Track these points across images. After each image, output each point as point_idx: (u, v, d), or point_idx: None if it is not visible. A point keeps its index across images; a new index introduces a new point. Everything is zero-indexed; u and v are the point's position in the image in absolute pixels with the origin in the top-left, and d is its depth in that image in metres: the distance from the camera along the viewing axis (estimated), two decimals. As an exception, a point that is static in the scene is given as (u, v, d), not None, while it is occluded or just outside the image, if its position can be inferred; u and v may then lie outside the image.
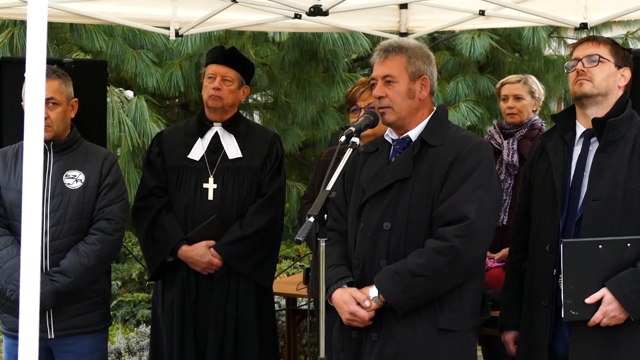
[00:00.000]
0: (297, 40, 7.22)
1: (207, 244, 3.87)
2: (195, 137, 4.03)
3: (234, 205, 3.93)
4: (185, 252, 3.88)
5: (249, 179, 3.95)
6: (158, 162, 4.03)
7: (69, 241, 3.62)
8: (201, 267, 3.89)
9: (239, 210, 3.93)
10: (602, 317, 2.89)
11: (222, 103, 3.98)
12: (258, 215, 3.91)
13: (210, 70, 4.00)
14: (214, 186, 3.93)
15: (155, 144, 4.11)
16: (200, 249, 3.86)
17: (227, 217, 3.92)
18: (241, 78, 4.02)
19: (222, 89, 3.96)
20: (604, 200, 2.94)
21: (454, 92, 7.93)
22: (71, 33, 6.85)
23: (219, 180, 3.94)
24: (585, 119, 3.09)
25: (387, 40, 3.22)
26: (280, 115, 8.06)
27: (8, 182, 3.66)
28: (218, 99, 3.97)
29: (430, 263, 2.89)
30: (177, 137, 4.09)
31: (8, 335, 3.71)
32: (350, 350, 3.06)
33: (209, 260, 3.86)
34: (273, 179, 3.98)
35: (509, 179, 4.49)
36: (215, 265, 3.88)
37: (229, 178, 3.94)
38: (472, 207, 2.90)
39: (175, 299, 3.95)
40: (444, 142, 3.02)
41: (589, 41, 3.10)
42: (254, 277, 3.94)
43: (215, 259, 3.87)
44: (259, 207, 3.92)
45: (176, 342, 3.92)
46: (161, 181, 4.01)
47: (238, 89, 4.02)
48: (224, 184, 3.93)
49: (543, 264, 3.06)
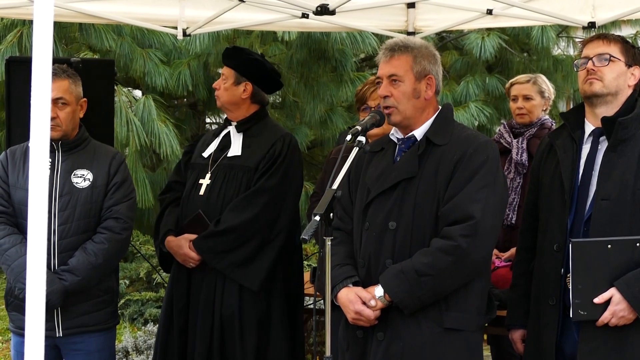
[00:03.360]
0: (306, 39, 7.22)
1: (188, 236, 3.89)
2: (216, 136, 4.10)
3: (219, 202, 3.91)
4: (168, 243, 3.93)
5: (238, 177, 3.93)
6: (184, 160, 4.17)
7: (77, 240, 3.63)
8: (180, 258, 3.90)
9: (224, 207, 3.91)
10: (610, 317, 2.88)
11: (220, 101, 4.05)
12: (234, 212, 3.86)
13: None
14: (207, 182, 3.96)
15: (190, 144, 4.28)
16: (180, 240, 3.89)
17: (212, 213, 3.90)
18: (236, 74, 3.99)
19: (219, 88, 4.02)
20: (613, 199, 2.93)
21: (464, 92, 7.91)
22: (80, 33, 6.87)
23: (213, 176, 3.97)
24: (595, 117, 3.07)
25: (393, 39, 3.21)
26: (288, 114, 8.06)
27: (17, 181, 3.67)
28: (218, 98, 4.05)
29: (436, 262, 2.88)
30: (207, 137, 4.19)
31: (16, 333, 3.72)
32: (356, 349, 3.05)
33: (185, 253, 3.86)
34: (260, 178, 3.91)
35: (518, 178, 4.47)
36: (191, 259, 3.87)
37: (221, 175, 3.96)
38: (478, 206, 2.89)
39: (172, 292, 3.98)
40: (449, 141, 3.01)
41: (599, 39, 3.08)
42: (234, 276, 3.86)
43: (192, 252, 3.87)
44: (235, 204, 3.88)
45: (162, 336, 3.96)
46: (180, 176, 4.12)
47: (234, 86, 3.99)
48: (215, 180, 3.96)
49: (551, 263, 3.05)
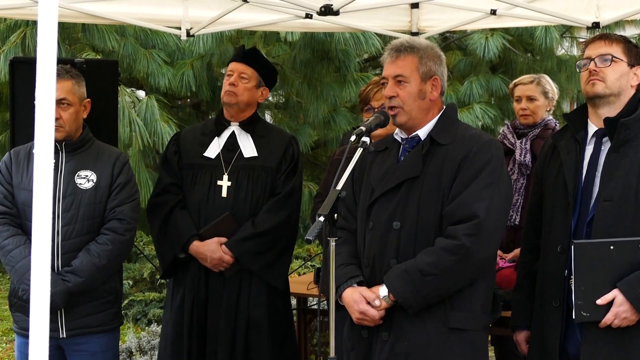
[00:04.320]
0: (309, 40, 7.22)
1: (218, 240, 3.85)
2: (212, 136, 4.02)
3: (247, 204, 3.90)
4: (197, 248, 3.86)
5: (263, 178, 3.93)
6: (174, 160, 4.02)
7: (81, 241, 3.63)
8: (212, 263, 3.86)
9: (251, 209, 3.90)
10: (613, 319, 2.87)
11: (237, 100, 3.94)
12: (271, 213, 3.88)
13: (229, 68, 4.01)
14: (228, 184, 3.91)
15: (173, 143, 4.11)
16: (212, 244, 3.84)
17: (239, 215, 3.89)
18: (259, 78, 3.98)
19: (238, 85, 3.93)
20: (616, 200, 2.92)
21: (468, 93, 7.90)
22: (83, 33, 6.88)
23: (233, 177, 3.91)
24: (597, 118, 3.06)
25: (398, 39, 3.20)
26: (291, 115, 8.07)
27: (20, 181, 3.67)
28: (233, 95, 3.93)
29: (440, 262, 2.87)
30: (195, 137, 4.08)
31: (20, 334, 3.73)
32: (360, 349, 3.05)
33: (219, 257, 3.83)
34: (288, 179, 3.95)
35: (521, 179, 4.46)
36: (226, 262, 3.85)
37: (244, 176, 3.92)
38: (482, 205, 2.88)
39: (185, 297, 3.93)
40: (453, 141, 3.01)
41: (601, 39, 3.08)
42: (265, 277, 3.91)
43: (226, 255, 3.84)
44: (272, 205, 3.90)
45: (186, 340, 3.90)
46: (176, 179, 4.00)
47: (255, 88, 3.98)
48: (238, 181, 3.91)
49: (554, 264, 3.05)
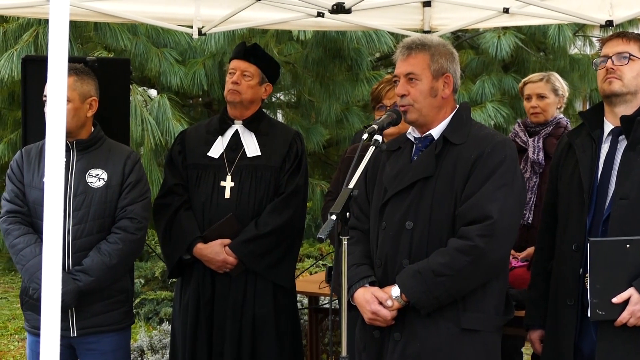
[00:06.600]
0: (321, 38, 7.21)
1: (222, 242, 3.85)
2: (216, 135, 4.01)
3: (251, 204, 3.89)
4: (200, 250, 3.86)
5: (266, 178, 3.92)
6: (179, 160, 4.02)
7: (92, 240, 3.62)
8: (216, 265, 3.86)
9: (255, 209, 3.90)
10: (629, 317, 2.85)
11: (240, 98, 3.94)
12: (274, 214, 3.87)
13: (231, 66, 4.00)
14: (231, 184, 3.90)
15: (178, 142, 4.11)
16: (215, 247, 3.84)
17: (243, 216, 3.89)
18: (262, 74, 3.98)
19: (241, 83, 3.93)
20: (632, 199, 2.91)
21: (480, 92, 7.87)
22: (95, 32, 6.89)
23: (236, 178, 3.91)
24: (614, 116, 3.05)
25: (410, 37, 3.18)
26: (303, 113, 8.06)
27: (32, 180, 3.66)
28: (236, 93, 3.93)
29: (453, 262, 2.85)
30: (199, 135, 4.07)
31: (31, 333, 3.72)
32: (372, 349, 3.03)
33: (223, 259, 3.83)
34: (291, 178, 3.93)
35: (534, 177, 4.44)
36: (230, 264, 3.85)
37: (247, 176, 3.91)
38: (496, 206, 2.86)
39: (190, 297, 3.94)
40: (466, 140, 2.99)
41: (618, 37, 3.07)
42: (270, 277, 3.90)
43: (230, 257, 3.84)
44: (275, 206, 3.88)
45: (189, 341, 3.91)
46: (181, 179, 3.99)
47: (258, 85, 3.98)
48: (242, 182, 3.90)
49: (569, 263, 3.03)
